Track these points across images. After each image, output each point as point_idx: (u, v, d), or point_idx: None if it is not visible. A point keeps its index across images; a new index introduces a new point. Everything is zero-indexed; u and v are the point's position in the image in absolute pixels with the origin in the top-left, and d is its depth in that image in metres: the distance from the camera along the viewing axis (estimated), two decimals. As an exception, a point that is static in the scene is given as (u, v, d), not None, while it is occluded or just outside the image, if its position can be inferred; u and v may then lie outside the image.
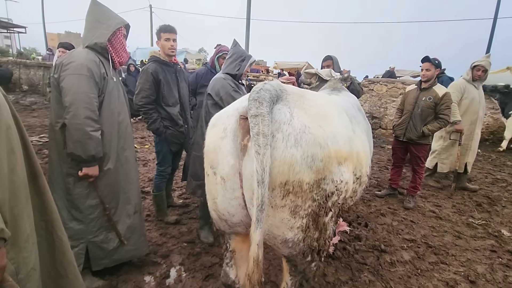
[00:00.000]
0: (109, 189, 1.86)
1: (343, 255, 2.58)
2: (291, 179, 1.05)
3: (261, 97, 1.03)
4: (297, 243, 1.18)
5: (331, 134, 1.13)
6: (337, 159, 1.14)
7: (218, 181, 1.17)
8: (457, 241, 2.95)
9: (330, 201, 1.17)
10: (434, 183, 4.52)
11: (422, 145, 3.60)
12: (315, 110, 1.17)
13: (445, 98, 3.38)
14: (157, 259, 2.39)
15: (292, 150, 1.04)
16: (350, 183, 1.28)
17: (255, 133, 0.97)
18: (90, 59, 1.72)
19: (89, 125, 1.63)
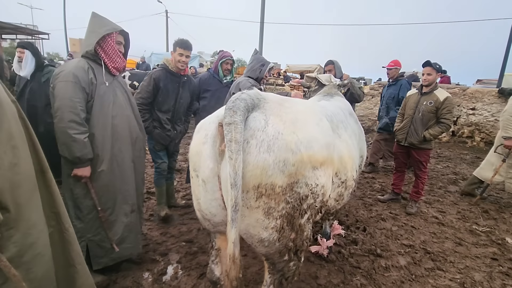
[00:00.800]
0: (105, 190, 1.98)
1: (337, 258, 2.61)
2: (264, 182, 1.12)
3: (235, 106, 1.11)
4: (273, 242, 1.25)
5: (305, 139, 1.19)
6: (311, 164, 1.21)
7: (200, 183, 1.26)
8: (457, 248, 2.90)
9: (305, 203, 1.24)
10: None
11: (424, 149, 3.57)
12: (290, 117, 1.23)
13: (446, 102, 3.35)
14: (156, 256, 2.50)
15: (264, 155, 1.11)
16: (327, 187, 1.34)
17: (228, 139, 1.05)
18: (78, 67, 1.86)
19: (73, 128, 1.76)
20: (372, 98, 8.71)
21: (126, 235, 2.15)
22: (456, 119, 7.81)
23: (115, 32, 1.96)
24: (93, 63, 1.94)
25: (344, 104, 2.28)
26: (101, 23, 1.92)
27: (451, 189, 4.55)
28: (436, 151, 7.09)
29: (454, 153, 6.94)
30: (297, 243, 1.32)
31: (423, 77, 3.49)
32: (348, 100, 3.69)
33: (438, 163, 6.06)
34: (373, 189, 4.43)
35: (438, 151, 7.05)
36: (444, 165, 5.87)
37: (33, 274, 1.17)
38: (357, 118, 2.37)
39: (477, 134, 7.58)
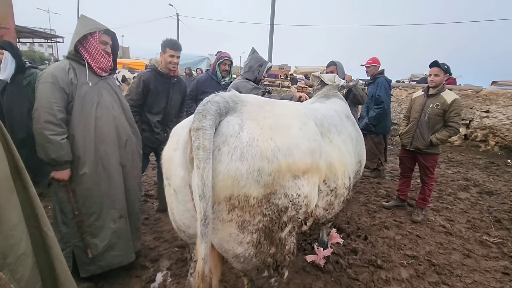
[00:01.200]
0: (89, 194, 1.91)
1: (334, 268, 2.48)
2: (236, 194, 1.03)
3: (205, 110, 1.02)
4: (249, 258, 1.16)
5: (284, 146, 1.10)
6: (291, 173, 1.11)
7: (172, 192, 1.18)
8: (465, 260, 2.73)
9: (285, 216, 1.14)
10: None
11: (431, 154, 3.39)
12: (269, 121, 1.13)
13: (454, 105, 3.17)
14: (147, 262, 2.44)
15: (237, 164, 1.02)
16: (311, 197, 1.24)
17: (196, 146, 0.97)
18: (59, 67, 1.82)
19: (49, 129, 1.71)
20: (381, 100, 8.47)
21: (115, 241, 2.07)
22: (469, 122, 7.50)
23: (99, 31, 1.90)
24: (76, 63, 1.89)
25: (340, 106, 2.17)
26: (84, 24, 1.88)
27: (462, 195, 4.33)
28: (447, 155, 6.82)
29: (466, 158, 6.66)
30: (278, 258, 1.22)
31: (429, 78, 3.32)
32: (351, 101, 3.57)
33: (448, 168, 5.81)
34: (378, 194, 4.26)
35: (449, 155, 6.78)
36: (454, 170, 5.62)
37: (19, 275, 1.13)
38: (355, 121, 2.25)
39: (492, 138, 7.25)
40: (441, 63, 3.19)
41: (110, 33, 2.00)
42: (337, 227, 3.19)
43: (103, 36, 1.94)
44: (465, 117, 7.49)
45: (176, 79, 2.90)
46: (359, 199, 4.04)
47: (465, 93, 7.59)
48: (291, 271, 2.43)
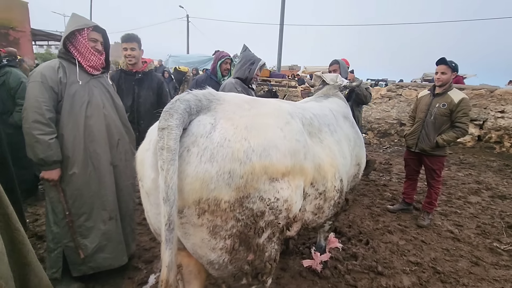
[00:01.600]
0: (78, 194, 1.89)
1: (332, 274, 2.39)
2: (205, 197, 0.97)
3: (173, 109, 0.97)
4: (224, 265, 1.10)
5: (259, 147, 1.03)
6: (267, 175, 1.04)
7: (144, 195, 1.14)
8: (473, 268, 2.58)
9: (261, 221, 1.07)
10: None
11: (437, 156, 3.24)
12: (245, 121, 1.07)
13: (462, 105, 3.01)
14: (140, 264, 2.41)
15: (206, 166, 0.96)
16: (293, 201, 1.16)
17: (160, 147, 0.91)
18: (48, 66, 1.80)
19: (37, 129, 1.69)
20: (390, 100, 8.26)
21: (105, 243, 2.04)
22: (482, 122, 7.22)
23: (87, 28, 1.87)
24: (66, 62, 1.87)
25: (337, 106, 2.07)
26: (74, 21, 1.85)
27: (472, 199, 4.13)
28: (458, 157, 6.57)
29: (479, 160, 6.39)
30: (257, 265, 1.15)
31: (436, 76, 3.17)
32: (354, 101, 3.46)
33: (459, 170, 5.59)
34: (383, 197, 4.13)
35: (461, 157, 6.53)
36: (466, 173, 5.40)
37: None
38: (354, 122, 2.16)
39: (507, 139, 6.95)
40: (448, 60, 3.05)
41: (100, 30, 1.96)
42: (338, 230, 3.10)
43: (92, 34, 1.91)
44: (479, 118, 7.21)
45: (141, 74, 2.80)
46: (363, 202, 3.92)
47: (479, 92, 7.30)
48: (287, 276, 2.35)
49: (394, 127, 8.19)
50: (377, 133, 8.43)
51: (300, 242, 2.85)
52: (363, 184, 4.61)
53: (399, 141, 8.01)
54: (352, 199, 3.55)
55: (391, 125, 8.25)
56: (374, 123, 8.47)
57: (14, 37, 12.62)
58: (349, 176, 1.87)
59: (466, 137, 7.36)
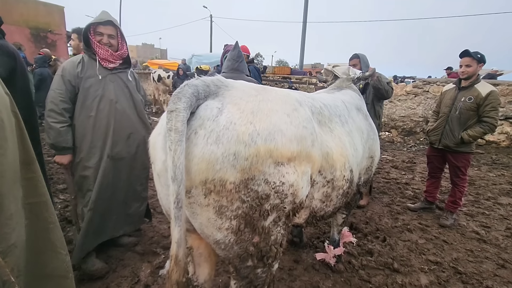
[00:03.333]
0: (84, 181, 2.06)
1: (346, 268, 2.37)
2: (211, 177, 1.02)
3: (181, 93, 1.01)
4: (230, 245, 1.14)
5: (264, 131, 1.06)
6: (272, 159, 1.06)
7: (156, 177, 1.20)
8: (498, 271, 2.44)
9: (266, 204, 1.10)
10: None
11: (462, 153, 3.08)
12: (251, 105, 1.10)
13: (490, 98, 2.84)
14: (159, 249, 2.54)
15: (212, 147, 1.00)
16: (299, 186, 1.18)
17: (168, 128, 0.96)
18: (71, 61, 1.98)
19: (51, 117, 1.89)
20: (415, 97, 7.90)
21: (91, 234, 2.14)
22: (519, 120, 6.71)
23: (94, 24, 1.99)
24: (88, 57, 2.02)
25: (350, 98, 2.05)
26: (94, 19, 1.99)
27: (503, 201, 3.88)
28: (491, 157, 6.17)
29: (514, 160, 5.96)
30: (262, 248, 1.18)
31: (460, 70, 3.00)
32: (375, 96, 3.37)
33: (491, 170, 5.25)
34: (404, 195, 3.99)
35: (493, 157, 6.12)
36: (498, 173, 5.06)
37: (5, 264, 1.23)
38: (367, 115, 2.12)
39: (547, 138, 6.41)
40: (473, 51, 2.88)
41: (108, 24, 2.02)
42: (354, 226, 3.05)
43: (99, 28, 2.01)
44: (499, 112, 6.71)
45: None
46: (382, 200, 3.82)
47: (516, 88, 6.79)
48: (300, 268, 2.37)
49: (420, 125, 7.84)
50: (401, 131, 8.12)
51: (314, 236, 2.85)
52: (383, 182, 4.49)
53: (425, 139, 7.65)
54: (365, 192, 3.47)
55: (417, 123, 7.90)
56: (398, 120, 8.16)
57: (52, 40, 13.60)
58: (361, 168, 1.85)
59: (501, 136, 6.89)
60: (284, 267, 2.35)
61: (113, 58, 2.09)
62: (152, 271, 2.26)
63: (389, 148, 7.01)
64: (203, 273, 1.53)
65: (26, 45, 9.69)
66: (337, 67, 2.60)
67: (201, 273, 1.52)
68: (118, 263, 2.30)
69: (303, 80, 10.43)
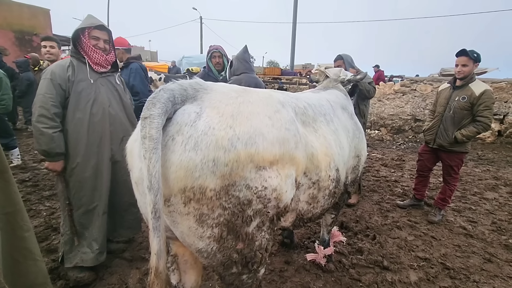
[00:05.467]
0: (79, 187, 1.99)
1: (336, 268, 2.37)
2: (190, 185, 0.98)
3: (156, 98, 0.97)
4: (213, 253, 1.11)
5: (245, 135, 1.03)
6: (253, 163, 1.04)
7: (134, 185, 1.17)
8: (485, 265, 2.49)
9: (249, 209, 1.08)
10: None
11: (457, 153, 3.09)
12: (231, 109, 1.07)
13: (484, 97, 2.83)
14: (148, 255, 2.49)
15: (190, 154, 0.97)
16: (283, 190, 1.16)
17: (142, 136, 0.92)
18: (59, 65, 1.91)
19: (42, 122, 1.80)
20: (403, 95, 8.02)
21: (96, 237, 2.10)
22: (503, 117, 6.89)
23: (89, 27, 1.96)
24: (77, 60, 1.97)
25: (336, 97, 2.05)
26: (83, 22, 1.95)
27: (489, 196, 3.97)
28: (477, 153, 6.31)
29: (498, 156, 6.10)
30: (247, 254, 1.16)
31: (456, 69, 2.98)
32: (359, 96, 3.39)
33: (476, 166, 5.37)
34: (393, 193, 4.04)
35: (479, 153, 6.26)
36: (483, 169, 5.18)
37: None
38: (353, 114, 2.12)
39: (530, 134, 6.60)
40: (469, 50, 2.86)
41: (104, 29, 2.03)
42: (344, 225, 3.07)
43: (94, 32, 1.98)
44: (499, 112, 6.89)
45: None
46: (372, 198, 3.85)
47: (499, 85, 6.98)
48: (291, 269, 2.36)
49: (409, 123, 7.97)
50: (390, 130, 8.23)
51: (305, 236, 2.85)
52: (373, 180, 4.53)
53: (413, 137, 7.79)
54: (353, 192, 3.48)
55: (405, 121, 8.02)
56: (387, 119, 8.26)
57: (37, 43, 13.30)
58: (348, 168, 1.84)
59: (486, 133, 7.05)
60: (275, 268, 2.35)
61: (105, 63, 2.08)
62: (141, 278, 2.22)
63: (378, 146, 7.09)
64: (190, 280, 1.50)
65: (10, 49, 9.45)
66: (330, 68, 2.59)
67: (187, 280, 1.50)
68: (106, 270, 2.25)
69: (293, 80, 10.47)
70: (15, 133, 4.96)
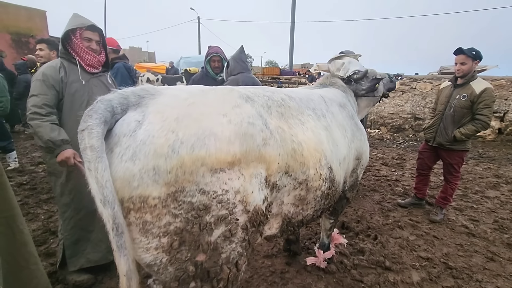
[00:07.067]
0: (78, 189, 1.95)
1: (338, 269, 2.35)
2: (128, 196, 0.93)
3: (92, 109, 0.94)
4: (163, 266, 1.01)
5: (190, 138, 0.95)
6: (206, 166, 0.96)
7: None
8: (488, 264, 2.47)
9: (208, 215, 0.99)
10: None
11: (457, 151, 3.07)
12: (177, 112, 0.99)
13: (484, 95, 2.81)
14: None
15: (127, 164, 0.92)
16: (248, 191, 1.07)
17: (82, 148, 0.87)
18: (50, 66, 1.87)
19: (37, 119, 1.74)
20: (403, 94, 8.01)
21: (101, 238, 2.08)
22: (503, 114, 6.88)
23: (80, 28, 1.91)
24: (67, 62, 1.93)
25: (332, 95, 1.98)
26: (71, 22, 1.90)
27: (490, 194, 3.95)
28: (477, 151, 6.29)
29: (499, 154, 6.09)
30: (209, 267, 1.04)
31: (455, 68, 2.97)
32: None
33: (477, 164, 5.35)
34: (394, 193, 4.02)
35: (480, 151, 6.25)
36: (484, 167, 5.16)
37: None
38: (354, 114, 2.07)
39: (530, 131, 6.59)
40: (467, 48, 2.84)
41: (95, 29, 1.98)
42: (345, 225, 3.05)
43: (86, 33, 1.94)
44: (499, 110, 6.88)
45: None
46: (373, 197, 3.83)
47: (499, 83, 6.97)
48: (292, 270, 2.33)
49: (409, 121, 7.95)
50: (390, 128, 8.21)
51: (306, 237, 2.82)
52: (374, 180, 4.51)
53: (414, 136, 7.77)
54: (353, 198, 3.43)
55: (405, 120, 8.01)
56: (387, 118, 8.25)
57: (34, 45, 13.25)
58: (346, 169, 1.77)
59: (487, 131, 7.03)
60: (276, 270, 2.32)
61: (98, 64, 2.05)
62: (141, 281, 2.18)
63: (378, 145, 7.08)
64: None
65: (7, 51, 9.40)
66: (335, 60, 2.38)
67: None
68: (105, 274, 2.22)
69: (293, 80, 10.44)
70: (13, 136, 4.93)
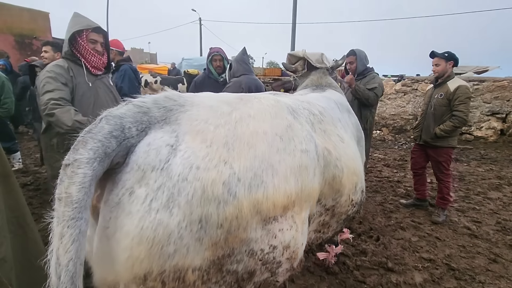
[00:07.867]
0: None
1: (340, 270, 2.36)
2: (158, 270, 0.63)
3: (92, 132, 0.67)
4: None
5: (248, 172, 0.69)
6: (260, 215, 0.71)
7: None
8: (491, 266, 2.47)
9: (249, 284, 0.76)
10: None
11: (442, 148, 3.18)
12: (224, 132, 0.73)
13: (458, 92, 2.98)
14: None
15: (160, 216, 0.63)
16: (299, 243, 0.83)
17: (57, 197, 0.61)
18: (58, 65, 1.87)
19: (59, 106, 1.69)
20: (405, 95, 8.01)
21: None
22: (505, 115, 6.86)
23: (86, 30, 1.93)
24: (72, 63, 1.94)
25: (340, 98, 1.86)
26: (74, 22, 1.91)
27: (492, 195, 3.94)
28: (479, 152, 6.28)
29: (502, 155, 6.07)
30: None
31: (432, 69, 3.20)
32: (361, 103, 3.35)
33: (479, 165, 5.34)
34: (396, 194, 4.02)
35: (482, 152, 6.23)
36: (486, 168, 5.15)
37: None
38: (356, 117, 2.04)
39: (533, 132, 6.57)
40: (441, 52, 3.07)
41: (101, 31, 2.00)
42: (348, 226, 3.05)
43: (92, 35, 1.95)
44: (501, 110, 6.86)
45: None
46: (375, 199, 3.84)
47: (501, 84, 6.95)
48: (294, 271, 2.34)
49: (410, 123, 7.94)
50: (392, 130, 8.21)
51: (308, 238, 2.83)
52: (376, 181, 4.51)
53: (415, 137, 7.76)
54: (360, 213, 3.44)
55: (407, 121, 8.00)
56: (388, 119, 8.25)
57: (37, 46, 13.30)
58: None
59: (488, 132, 7.03)
60: (278, 271, 2.33)
61: (102, 66, 2.08)
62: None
63: (380, 146, 7.07)
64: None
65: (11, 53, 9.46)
66: (310, 53, 2.17)
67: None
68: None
69: (294, 81, 10.46)
70: (17, 137, 4.96)
